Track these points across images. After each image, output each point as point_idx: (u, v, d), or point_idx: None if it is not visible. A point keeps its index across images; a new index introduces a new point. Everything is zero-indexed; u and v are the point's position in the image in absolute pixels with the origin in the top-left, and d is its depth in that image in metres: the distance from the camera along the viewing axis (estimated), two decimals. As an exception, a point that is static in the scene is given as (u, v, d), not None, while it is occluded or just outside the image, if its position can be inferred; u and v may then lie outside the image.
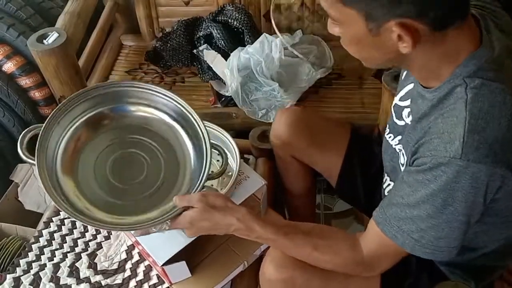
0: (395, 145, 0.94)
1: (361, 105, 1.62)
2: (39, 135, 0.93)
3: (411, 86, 0.89)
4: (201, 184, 0.94)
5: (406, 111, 0.90)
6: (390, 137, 0.97)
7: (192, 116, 1.01)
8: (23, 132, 0.96)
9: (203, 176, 0.95)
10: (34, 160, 0.91)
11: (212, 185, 1.14)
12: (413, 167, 0.76)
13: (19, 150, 0.95)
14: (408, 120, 0.88)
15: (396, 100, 0.95)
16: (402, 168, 0.89)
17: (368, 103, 1.61)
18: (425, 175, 0.72)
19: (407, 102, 0.89)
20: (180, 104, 1.02)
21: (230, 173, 1.19)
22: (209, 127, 1.23)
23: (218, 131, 1.21)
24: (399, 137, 0.93)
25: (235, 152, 1.15)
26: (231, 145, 1.18)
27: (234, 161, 1.16)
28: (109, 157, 1.00)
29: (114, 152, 1.01)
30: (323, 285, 0.93)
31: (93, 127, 1.02)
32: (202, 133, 1.00)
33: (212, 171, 0.99)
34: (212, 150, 0.99)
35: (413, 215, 0.75)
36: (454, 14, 0.69)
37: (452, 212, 0.72)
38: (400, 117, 0.93)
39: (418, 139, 0.77)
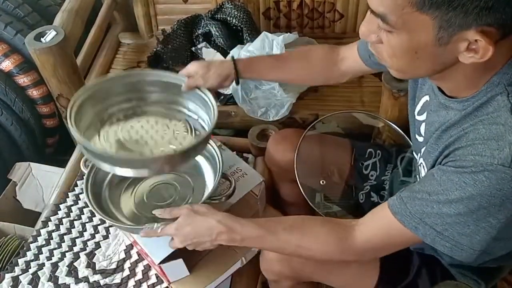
0: (419, 165, 0.90)
1: (361, 104, 1.61)
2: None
3: (426, 98, 0.85)
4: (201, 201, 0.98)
5: (423, 126, 0.87)
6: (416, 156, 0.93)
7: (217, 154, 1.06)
8: None
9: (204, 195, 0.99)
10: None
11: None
12: (449, 167, 0.71)
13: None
14: (427, 134, 0.85)
15: (415, 115, 0.90)
16: None
17: (368, 101, 1.61)
18: (463, 177, 0.69)
19: (423, 116, 0.86)
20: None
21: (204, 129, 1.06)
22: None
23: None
24: (420, 153, 0.89)
25: (212, 106, 0.99)
26: (207, 100, 1.01)
27: (212, 115, 0.98)
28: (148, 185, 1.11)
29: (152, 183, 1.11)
30: (319, 265, 0.95)
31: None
32: (219, 164, 1.03)
33: (220, 194, 1.01)
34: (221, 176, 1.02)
35: (441, 211, 0.72)
36: None
37: (484, 214, 0.70)
38: (419, 133, 0.89)
39: (447, 144, 0.74)
